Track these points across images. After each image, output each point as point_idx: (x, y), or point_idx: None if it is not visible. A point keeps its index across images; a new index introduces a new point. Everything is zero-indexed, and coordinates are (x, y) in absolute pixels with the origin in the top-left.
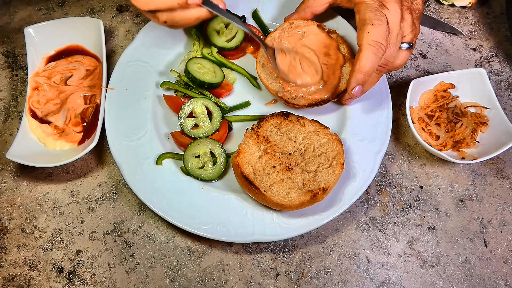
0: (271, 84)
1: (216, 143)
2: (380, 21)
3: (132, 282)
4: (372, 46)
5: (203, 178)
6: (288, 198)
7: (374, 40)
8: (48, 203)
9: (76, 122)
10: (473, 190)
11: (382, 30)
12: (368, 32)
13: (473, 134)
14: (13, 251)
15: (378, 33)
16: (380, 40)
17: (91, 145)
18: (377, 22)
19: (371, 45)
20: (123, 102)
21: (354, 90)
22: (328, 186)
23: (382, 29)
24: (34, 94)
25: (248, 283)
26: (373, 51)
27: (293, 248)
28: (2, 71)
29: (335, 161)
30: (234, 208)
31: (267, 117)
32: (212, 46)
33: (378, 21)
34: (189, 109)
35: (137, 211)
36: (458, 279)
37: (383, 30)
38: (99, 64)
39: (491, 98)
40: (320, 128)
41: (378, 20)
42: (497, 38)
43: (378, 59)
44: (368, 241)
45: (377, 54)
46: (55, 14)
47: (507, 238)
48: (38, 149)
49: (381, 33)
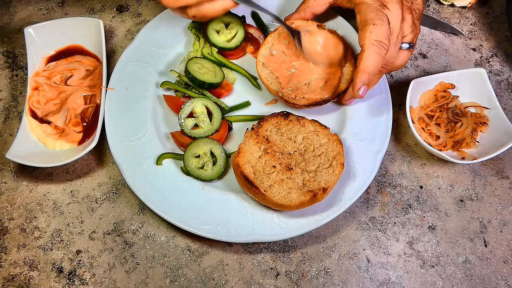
0: (271, 84)
1: (216, 143)
2: (381, 20)
3: (132, 282)
4: (375, 46)
5: (203, 178)
6: (288, 198)
7: (377, 40)
8: (48, 203)
9: (76, 122)
10: (473, 190)
11: (384, 29)
12: (370, 32)
13: (473, 134)
14: (13, 251)
15: (380, 32)
16: (383, 39)
17: (91, 145)
18: (379, 22)
19: (373, 45)
20: (123, 102)
21: (360, 91)
22: (328, 186)
23: (384, 28)
24: (34, 94)
25: (248, 283)
26: (376, 50)
27: (293, 248)
28: (2, 71)
29: (335, 161)
30: (234, 208)
31: (267, 117)
32: (212, 46)
33: (379, 21)
34: (189, 109)
35: (137, 211)
36: (458, 279)
37: (385, 29)
38: (99, 64)
39: (491, 98)
40: (320, 128)
41: (379, 20)
42: (497, 38)
43: (381, 58)
44: (368, 241)
45: (380, 54)
46: (55, 14)
47: (507, 238)
48: (38, 149)
49: (383, 32)
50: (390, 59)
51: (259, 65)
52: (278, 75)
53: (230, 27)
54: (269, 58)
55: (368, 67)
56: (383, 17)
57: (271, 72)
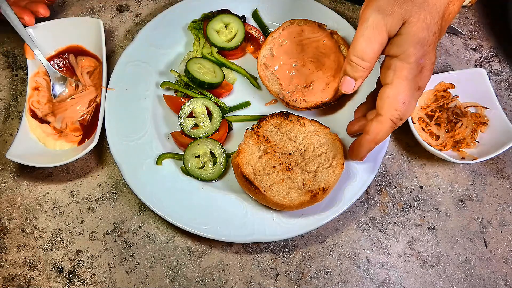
0: (272, 85)
1: (216, 143)
2: (411, 94)
3: (132, 282)
4: (392, 121)
5: (203, 178)
6: (288, 198)
7: (397, 118)
8: (48, 203)
9: (75, 128)
10: (473, 190)
11: (412, 106)
12: (392, 106)
13: (473, 134)
14: (13, 251)
15: (407, 111)
16: (403, 115)
17: (91, 145)
18: (409, 96)
19: (392, 120)
20: (123, 102)
21: (364, 158)
22: (328, 186)
23: (413, 105)
24: (34, 94)
25: (248, 283)
26: (392, 125)
27: (293, 248)
28: (2, 71)
29: (335, 161)
30: (234, 208)
31: (267, 117)
32: (212, 46)
33: (409, 96)
34: (189, 109)
35: (137, 211)
36: (458, 279)
37: (412, 106)
38: (99, 64)
39: (491, 98)
40: (320, 128)
41: (410, 94)
42: (497, 38)
43: (392, 130)
44: (368, 241)
45: (394, 127)
46: (55, 14)
47: (507, 238)
48: (38, 149)
49: (407, 105)
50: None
51: (260, 65)
52: (279, 77)
53: (230, 27)
54: (270, 58)
55: (380, 139)
56: (415, 92)
57: (272, 73)
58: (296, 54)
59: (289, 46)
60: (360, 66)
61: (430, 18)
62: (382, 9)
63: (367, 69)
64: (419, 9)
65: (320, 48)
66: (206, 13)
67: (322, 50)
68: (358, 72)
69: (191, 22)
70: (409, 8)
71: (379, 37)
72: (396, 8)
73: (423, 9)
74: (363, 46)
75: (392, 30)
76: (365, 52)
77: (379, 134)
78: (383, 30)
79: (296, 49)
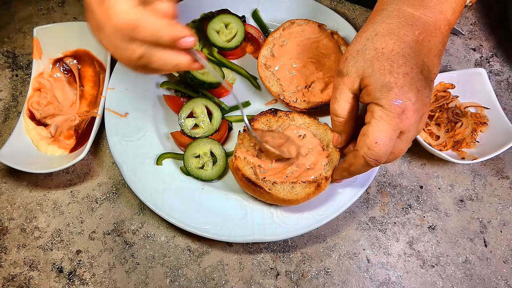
0: (273, 86)
1: (216, 143)
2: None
3: (132, 282)
4: (364, 159)
5: (203, 178)
6: (294, 192)
7: (370, 157)
8: (48, 203)
9: (69, 135)
10: (473, 190)
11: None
12: (366, 145)
13: (473, 134)
14: (13, 251)
15: (381, 151)
16: (380, 157)
17: (80, 156)
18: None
19: (370, 160)
20: (123, 102)
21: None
22: (330, 174)
23: (386, 147)
24: (35, 95)
25: (248, 283)
26: (364, 163)
27: (293, 248)
28: (2, 71)
29: (330, 148)
30: (234, 208)
31: (256, 117)
32: (212, 46)
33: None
34: (189, 109)
35: (137, 211)
36: (458, 279)
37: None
38: (101, 71)
39: (491, 98)
40: (310, 120)
41: (390, 141)
42: (497, 38)
43: (367, 168)
44: (368, 241)
45: (367, 167)
46: (55, 14)
47: (507, 238)
48: (30, 151)
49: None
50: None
51: (261, 66)
52: (280, 77)
53: (230, 27)
54: (271, 59)
55: (353, 172)
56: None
57: (273, 74)
58: (296, 54)
59: (289, 46)
60: (337, 122)
61: (388, 64)
62: (340, 72)
63: (345, 124)
64: (372, 61)
65: (321, 48)
66: (206, 13)
67: (322, 50)
68: (338, 127)
69: (191, 22)
70: (361, 65)
71: (343, 96)
72: (350, 68)
73: (376, 60)
74: (334, 106)
75: (354, 87)
76: (337, 111)
77: (352, 166)
78: (345, 90)
79: (296, 50)
